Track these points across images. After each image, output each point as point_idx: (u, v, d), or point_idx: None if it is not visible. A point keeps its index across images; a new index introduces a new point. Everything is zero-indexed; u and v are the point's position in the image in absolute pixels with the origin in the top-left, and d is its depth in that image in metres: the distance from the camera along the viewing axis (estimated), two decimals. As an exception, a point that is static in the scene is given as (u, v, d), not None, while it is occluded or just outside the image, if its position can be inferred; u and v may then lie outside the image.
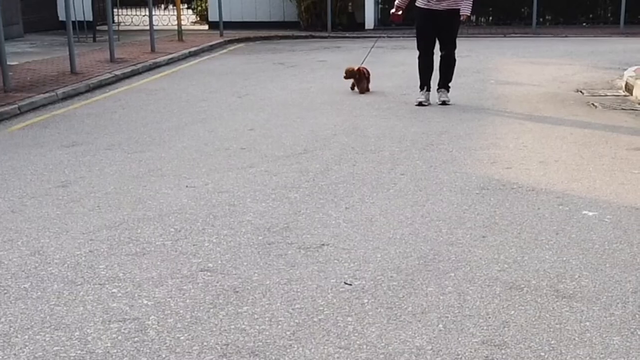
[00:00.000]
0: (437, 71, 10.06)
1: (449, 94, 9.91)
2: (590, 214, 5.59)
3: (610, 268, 4.60)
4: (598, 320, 3.95)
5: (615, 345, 3.70)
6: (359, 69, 10.81)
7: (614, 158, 7.05)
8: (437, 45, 9.89)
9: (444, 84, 9.94)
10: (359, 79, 10.79)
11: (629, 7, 20.68)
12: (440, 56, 9.80)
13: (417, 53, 10.06)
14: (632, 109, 9.44)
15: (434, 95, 10.00)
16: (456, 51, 10.02)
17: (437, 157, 7.19)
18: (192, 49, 16.69)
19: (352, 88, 10.97)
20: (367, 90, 10.84)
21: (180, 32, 19.17)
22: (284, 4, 23.13)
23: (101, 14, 20.32)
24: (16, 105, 9.79)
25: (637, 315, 3.99)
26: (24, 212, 5.79)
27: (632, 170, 6.63)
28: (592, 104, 9.77)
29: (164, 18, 24.74)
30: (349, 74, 10.85)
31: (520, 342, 3.72)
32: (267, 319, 3.95)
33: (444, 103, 9.76)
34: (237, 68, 14.33)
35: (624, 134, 8.11)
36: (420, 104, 9.82)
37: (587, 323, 3.92)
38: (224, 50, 18.15)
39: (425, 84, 9.94)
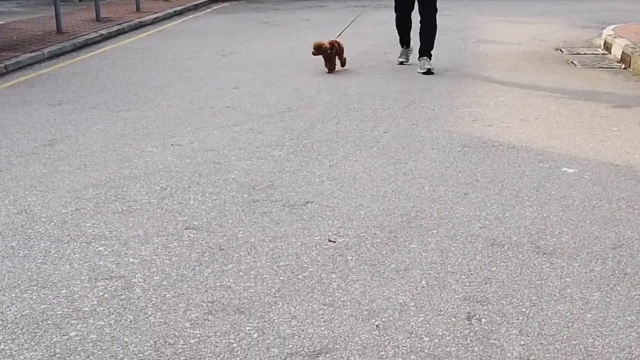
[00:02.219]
0: (417, 39, 9.52)
1: (431, 61, 9.17)
2: (570, 170, 5.54)
3: (590, 224, 4.56)
4: (578, 276, 3.91)
5: (595, 301, 3.67)
6: (330, 43, 9.17)
7: (593, 115, 7.00)
8: (416, 7, 9.40)
9: (426, 51, 9.17)
10: (330, 56, 9.20)
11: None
12: (420, 21, 9.09)
13: None
14: (611, 67, 9.37)
15: (415, 59, 9.47)
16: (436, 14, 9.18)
17: (419, 115, 7.12)
18: (177, 8, 16.47)
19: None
20: (339, 66, 9.44)
21: (165, -8, 18.90)
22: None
23: (87, -26, 19.99)
24: (2, 65, 9.63)
25: (616, 271, 3.95)
26: (11, 171, 5.69)
27: (611, 128, 6.58)
28: (572, 62, 9.70)
29: (149, -23, 24.35)
30: (318, 49, 9.10)
31: (501, 298, 3.68)
32: (252, 276, 3.89)
33: (428, 72, 9.00)
34: (221, 27, 14.16)
35: (603, 92, 8.05)
36: (401, 63, 9.59)
37: (568, 279, 3.88)
38: (209, 10, 17.92)
39: (405, 42, 9.61)
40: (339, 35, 9.51)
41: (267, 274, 3.91)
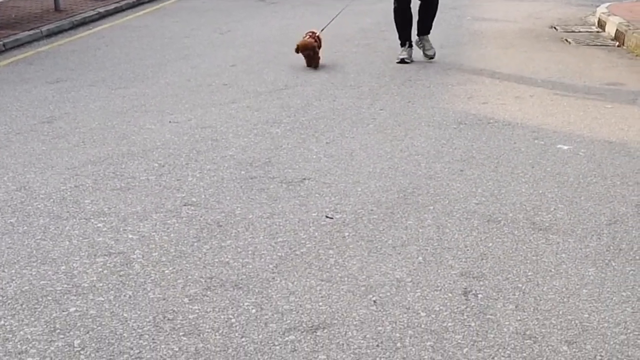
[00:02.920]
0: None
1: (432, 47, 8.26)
2: (565, 147, 5.52)
3: (585, 200, 4.54)
4: (573, 252, 3.90)
5: (590, 276, 3.65)
6: (314, 37, 8.23)
7: (588, 93, 6.96)
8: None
9: (425, 30, 8.41)
10: (314, 55, 8.20)
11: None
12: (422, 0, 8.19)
13: None
14: (605, 45, 9.31)
15: (419, 56, 8.47)
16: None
17: (415, 93, 7.08)
18: (175, -13, 16.30)
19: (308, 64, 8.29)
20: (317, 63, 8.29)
21: (162, -30, 18.73)
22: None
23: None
24: (1, 42, 9.55)
25: (611, 247, 3.94)
26: (10, 148, 5.66)
27: (605, 105, 6.55)
28: (566, 40, 9.64)
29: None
30: (305, 48, 8.15)
31: (498, 273, 3.67)
32: (250, 252, 3.87)
33: (430, 58, 8.36)
34: (219, 5, 14.05)
35: (597, 70, 8.00)
36: (402, 61, 8.31)
37: (563, 255, 3.87)
38: (206, -12, 17.76)
39: (405, 39, 8.40)
40: (325, 27, 8.74)
41: (265, 250, 3.89)
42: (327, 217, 4.27)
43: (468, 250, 3.89)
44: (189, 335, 3.10)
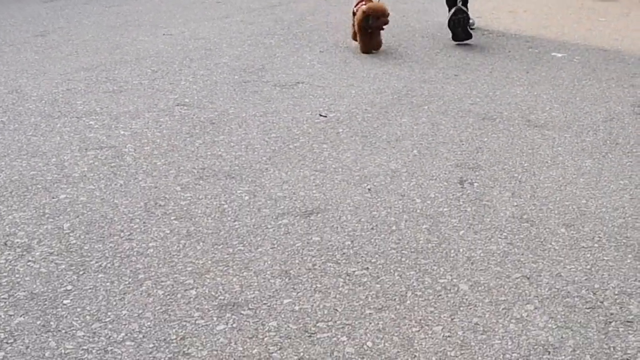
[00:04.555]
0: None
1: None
2: (559, 55, 5.32)
3: (581, 101, 4.36)
4: (570, 145, 3.73)
5: (587, 167, 3.49)
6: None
7: (581, 8, 6.74)
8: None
9: None
10: (374, 31, 5.41)
11: None
12: None
13: None
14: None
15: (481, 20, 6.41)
16: None
17: (409, 8, 6.85)
18: None
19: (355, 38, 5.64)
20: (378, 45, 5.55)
21: None
22: None
23: None
24: (-5, -37, 9.21)
25: (608, 141, 3.78)
26: (2, 58, 5.44)
27: (598, 19, 6.34)
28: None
29: None
30: (375, 14, 5.31)
31: (493, 164, 3.50)
32: (243, 146, 3.69)
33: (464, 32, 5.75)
34: None
35: (590, -13, 7.76)
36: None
37: (559, 148, 3.70)
38: None
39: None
40: None
41: (259, 144, 3.71)
42: (320, 115, 4.09)
43: (463, 144, 3.72)
44: (181, 219, 2.93)
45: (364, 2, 5.37)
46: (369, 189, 3.22)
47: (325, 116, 4.06)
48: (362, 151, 3.61)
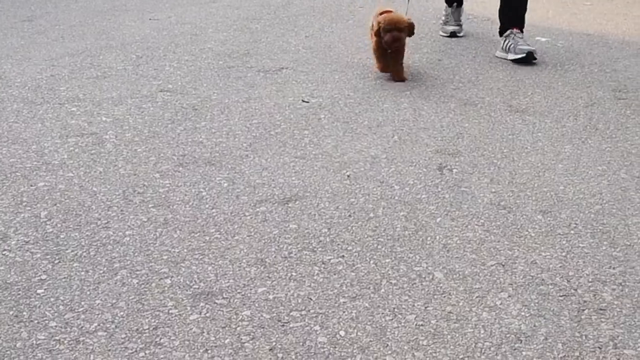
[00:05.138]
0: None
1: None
2: (544, 39, 5.28)
3: (563, 86, 4.33)
4: (550, 131, 3.70)
5: (566, 153, 3.46)
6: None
7: (567, -8, 6.68)
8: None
9: (519, 19, 4.95)
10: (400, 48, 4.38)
11: None
12: None
13: None
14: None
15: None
16: None
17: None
18: None
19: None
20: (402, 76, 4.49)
21: None
22: None
23: None
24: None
25: (588, 127, 3.74)
26: (-12, 43, 5.37)
27: (583, 2, 6.30)
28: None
29: None
30: (391, 25, 4.28)
31: (473, 150, 3.47)
32: (224, 132, 3.65)
33: (528, 57, 4.82)
34: None
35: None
36: (452, 34, 5.52)
37: (539, 134, 3.67)
38: None
39: None
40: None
41: (240, 130, 3.67)
42: (303, 101, 4.05)
43: (444, 130, 3.68)
44: (159, 207, 2.90)
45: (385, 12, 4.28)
46: (348, 176, 3.18)
47: (308, 102, 4.02)
48: (343, 137, 3.58)
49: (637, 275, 2.48)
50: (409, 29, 4.29)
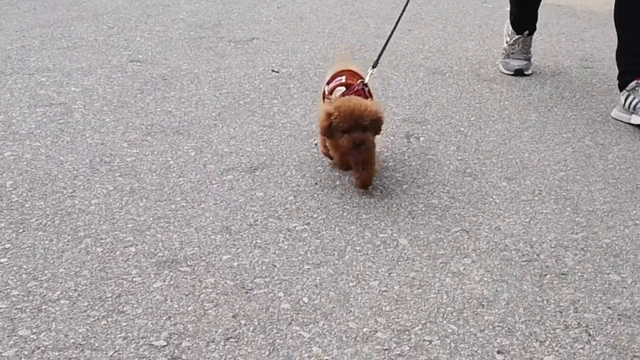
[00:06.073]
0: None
1: None
2: (513, 9, 5.20)
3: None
4: (517, 99, 3.67)
5: (532, 120, 3.43)
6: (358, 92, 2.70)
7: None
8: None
9: None
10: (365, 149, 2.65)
11: None
12: None
13: None
14: None
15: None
16: None
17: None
18: None
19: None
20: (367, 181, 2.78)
21: None
22: None
23: None
24: None
25: (554, 95, 3.71)
26: (-42, 13, 5.24)
27: (553, -27, 6.23)
28: None
29: None
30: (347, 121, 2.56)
31: (441, 119, 3.42)
32: (193, 102, 3.58)
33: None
34: None
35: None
36: (519, 71, 4.14)
37: (506, 102, 3.63)
38: None
39: (525, 23, 4.15)
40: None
41: (209, 100, 3.61)
42: (273, 70, 3.98)
43: (412, 99, 3.63)
44: (125, 175, 2.84)
45: (342, 81, 2.82)
46: (316, 144, 3.13)
47: (278, 72, 3.96)
48: (312, 106, 3.52)
49: (599, 240, 2.46)
50: (375, 125, 2.64)
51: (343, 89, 2.74)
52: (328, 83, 2.87)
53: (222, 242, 2.42)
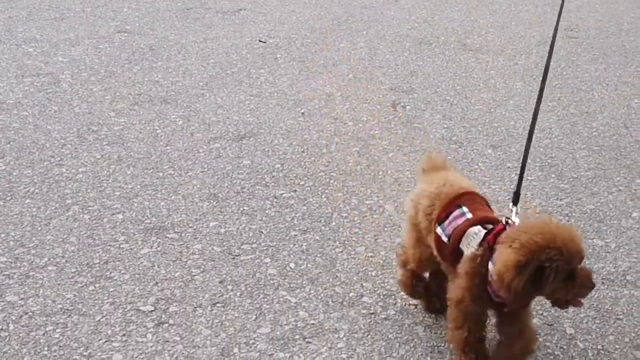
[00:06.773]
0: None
1: None
2: (499, -20, 5.17)
3: (516, 25, 4.26)
4: (502, 69, 3.64)
5: (518, 89, 3.41)
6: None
7: None
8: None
9: None
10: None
11: None
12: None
13: None
14: None
15: None
16: None
17: None
18: None
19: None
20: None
21: None
22: None
23: None
24: None
25: (539, 65, 3.69)
26: (-55, -15, 5.15)
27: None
28: None
29: None
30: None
31: (427, 88, 3.40)
32: (181, 72, 3.54)
33: None
34: None
35: None
36: None
37: (492, 71, 3.60)
38: None
39: None
40: None
41: (196, 70, 3.57)
42: (260, 41, 3.95)
43: (399, 68, 3.60)
44: (113, 144, 2.80)
45: (467, 216, 1.83)
46: (303, 113, 3.11)
47: (265, 42, 3.92)
48: (299, 76, 3.49)
49: (583, 206, 2.45)
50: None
51: (481, 230, 1.75)
52: (440, 221, 1.78)
53: (209, 209, 2.40)
